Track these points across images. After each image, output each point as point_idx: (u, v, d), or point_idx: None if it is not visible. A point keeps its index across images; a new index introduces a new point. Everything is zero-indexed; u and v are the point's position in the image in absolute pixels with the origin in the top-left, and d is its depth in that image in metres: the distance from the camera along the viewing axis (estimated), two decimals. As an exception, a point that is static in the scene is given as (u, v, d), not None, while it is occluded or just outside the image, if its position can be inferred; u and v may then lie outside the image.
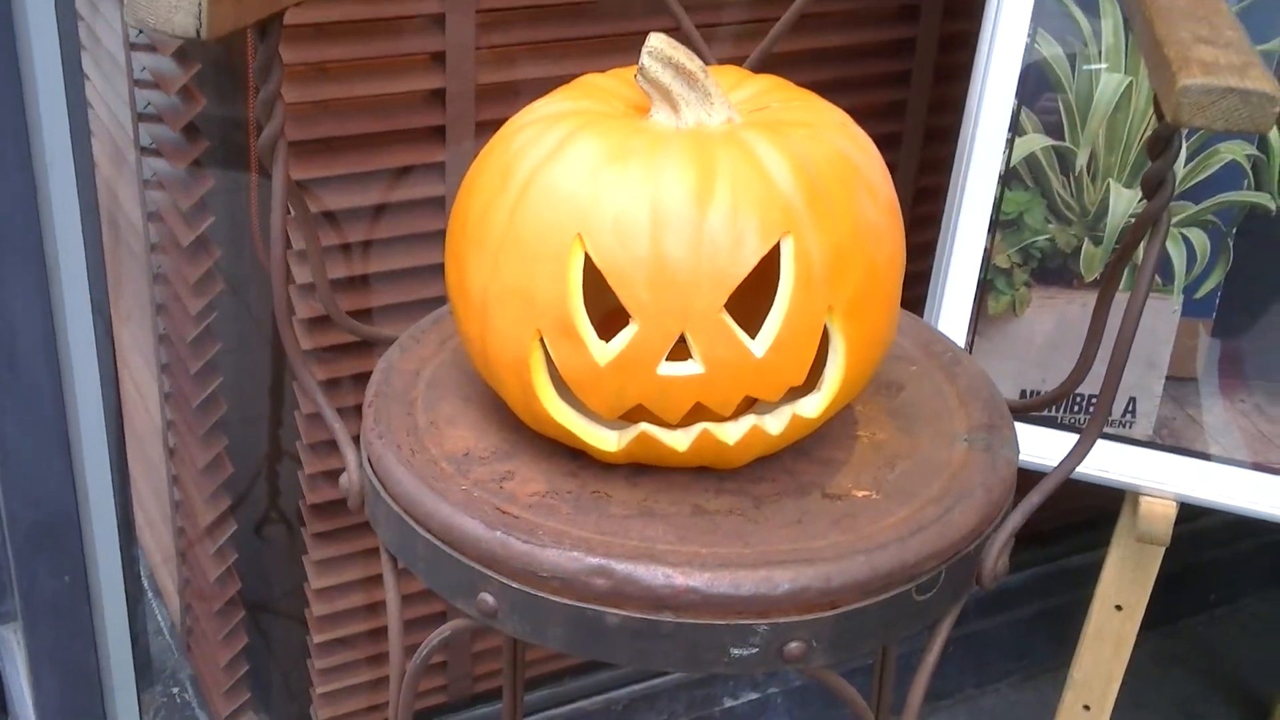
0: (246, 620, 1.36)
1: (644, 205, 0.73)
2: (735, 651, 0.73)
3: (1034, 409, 1.04)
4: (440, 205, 1.18)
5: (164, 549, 1.51)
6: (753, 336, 0.74)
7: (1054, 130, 1.09)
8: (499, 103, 1.17)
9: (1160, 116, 0.71)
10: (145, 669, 1.33)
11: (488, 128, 1.16)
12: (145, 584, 1.52)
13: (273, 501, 1.33)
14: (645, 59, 0.77)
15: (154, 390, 1.38)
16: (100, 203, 1.14)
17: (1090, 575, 1.21)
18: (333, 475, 1.24)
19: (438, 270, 1.20)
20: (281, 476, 1.32)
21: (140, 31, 1.18)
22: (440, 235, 1.19)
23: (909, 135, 1.35)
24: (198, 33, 0.71)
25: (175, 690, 1.45)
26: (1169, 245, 1.09)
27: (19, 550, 1.19)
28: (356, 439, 0.87)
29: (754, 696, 1.54)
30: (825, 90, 0.86)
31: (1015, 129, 1.09)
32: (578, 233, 0.73)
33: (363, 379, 1.22)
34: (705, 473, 0.81)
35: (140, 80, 1.20)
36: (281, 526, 1.34)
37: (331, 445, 1.23)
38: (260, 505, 1.34)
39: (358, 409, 1.21)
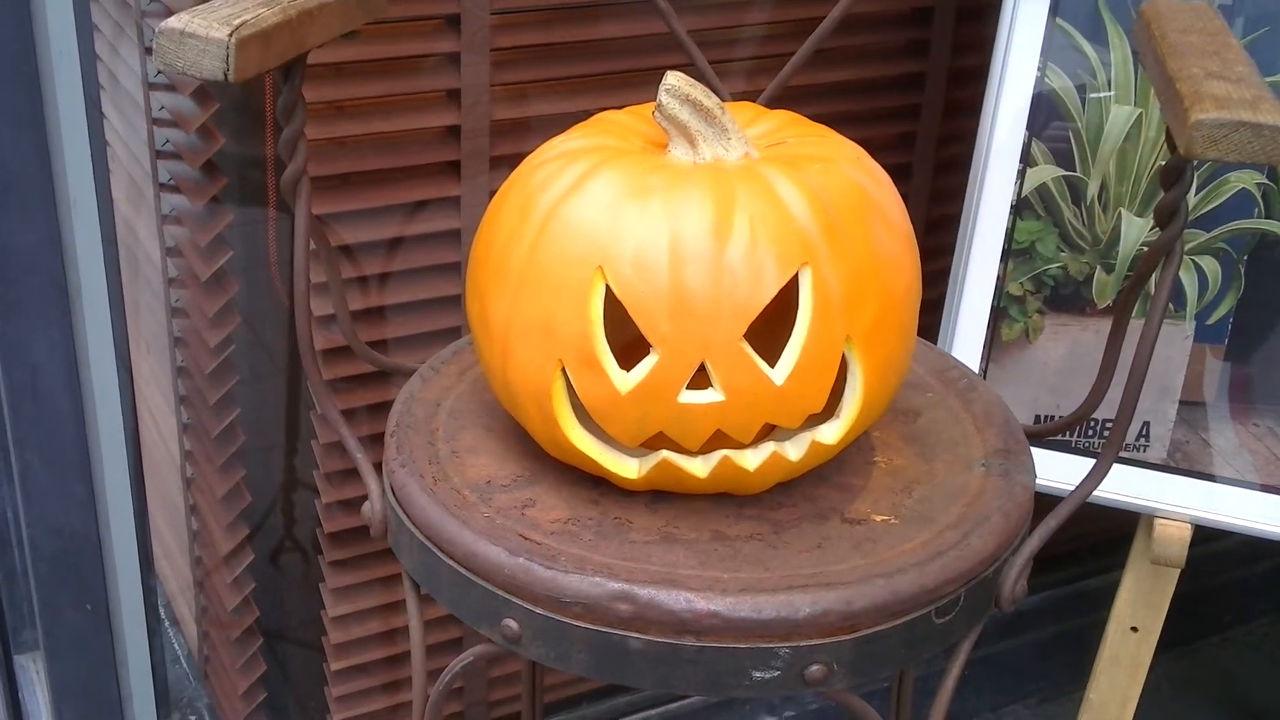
0: (264, 648, 1.37)
1: (664, 238, 0.74)
2: (757, 675, 0.74)
3: (1049, 434, 1.04)
4: (455, 239, 1.20)
5: (181, 578, 1.52)
6: (772, 365, 0.75)
7: (1065, 161, 1.10)
8: (513, 138, 1.18)
9: (1173, 149, 0.72)
10: (163, 698, 1.34)
11: (502, 163, 1.18)
12: (162, 613, 1.52)
13: (290, 530, 1.35)
14: (663, 96, 0.78)
15: (171, 422, 1.39)
16: (119, 238, 1.16)
17: (1105, 598, 1.22)
18: (349, 504, 1.25)
19: (453, 302, 1.22)
20: (298, 505, 1.33)
21: (159, 71, 1.20)
22: (455, 268, 1.21)
23: (919, 166, 1.37)
24: (225, 76, 0.72)
25: (192, 719, 1.46)
26: (1181, 273, 1.10)
27: (41, 580, 1.20)
28: (377, 468, 0.88)
29: (770, 721, 1.55)
30: (837, 123, 0.87)
31: (1026, 160, 1.10)
32: (599, 265, 0.75)
33: (376, 409, 1.23)
34: (725, 499, 0.82)
35: (159, 119, 1.22)
36: (299, 555, 1.35)
37: (348, 474, 1.24)
38: (278, 534, 1.35)
39: (374, 439, 1.23)
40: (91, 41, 1.06)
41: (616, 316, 0.75)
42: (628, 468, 0.80)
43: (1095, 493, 0.84)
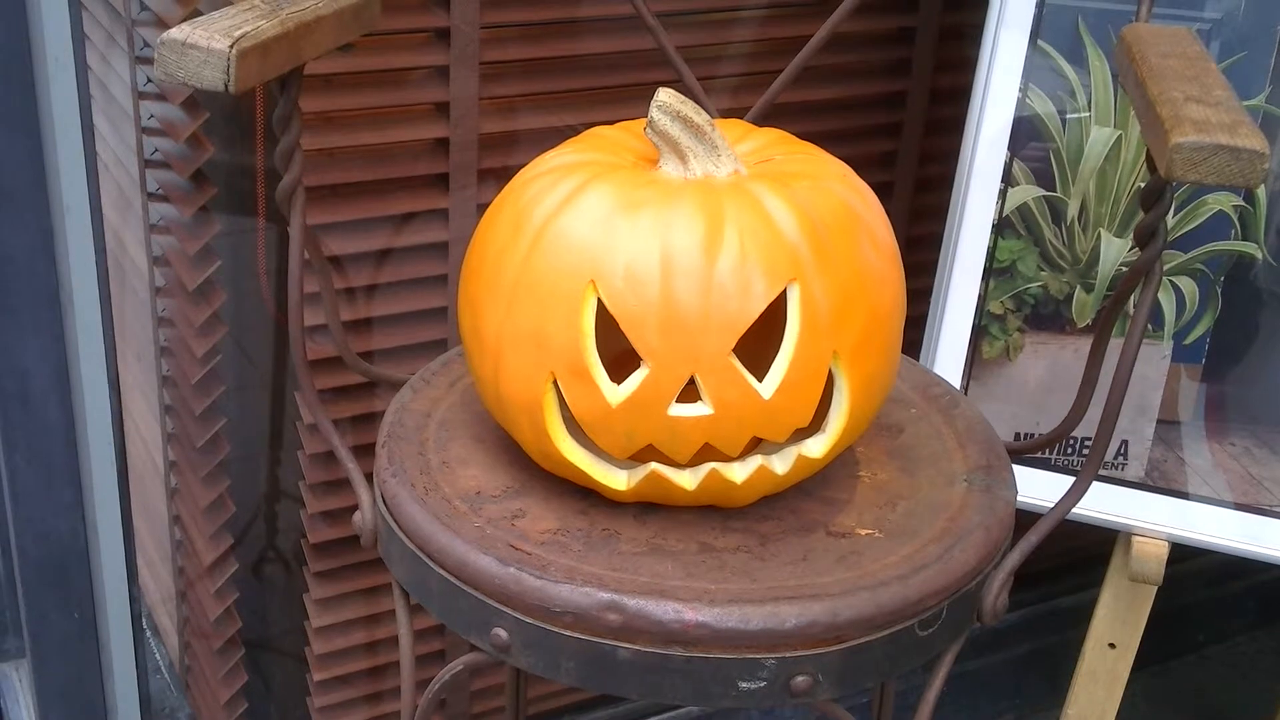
0: (246, 659, 1.37)
1: (655, 253, 0.75)
2: (743, 685, 0.75)
3: (1030, 451, 1.06)
4: (443, 251, 1.21)
5: (163, 588, 1.52)
6: (760, 379, 0.76)
7: (1046, 181, 1.12)
8: (501, 151, 1.20)
9: (1154, 170, 0.74)
10: (144, 708, 1.33)
11: (490, 176, 1.19)
12: (144, 623, 1.52)
13: (274, 541, 1.35)
14: (655, 113, 0.80)
15: (155, 431, 1.39)
16: (106, 247, 1.16)
17: (1083, 615, 1.23)
18: (334, 515, 1.26)
19: (439, 314, 1.23)
20: (283, 516, 1.33)
21: (149, 80, 1.20)
22: (442, 280, 1.22)
23: (900, 185, 1.38)
24: (226, 86, 0.73)
25: (174, 730, 1.46)
26: (1159, 293, 1.12)
27: (29, 587, 1.20)
28: (368, 478, 0.89)
29: (750, 735, 1.56)
30: (819, 141, 0.89)
31: (1008, 179, 1.12)
32: (591, 279, 0.76)
33: (360, 420, 1.24)
34: (712, 511, 0.83)
35: (148, 128, 1.22)
36: (282, 566, 1.35)
37: (333, 485, 1.25)
38: (261, 545, 1.35)
39: (358, 450, 1.23)
40: (84, 50, 1.06)
41: (608, 330, 0.76)
42: (617, 479, 0.81)
43: (1074, 510, 0.85)
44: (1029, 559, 0.84)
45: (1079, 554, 1.54)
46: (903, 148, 1.37)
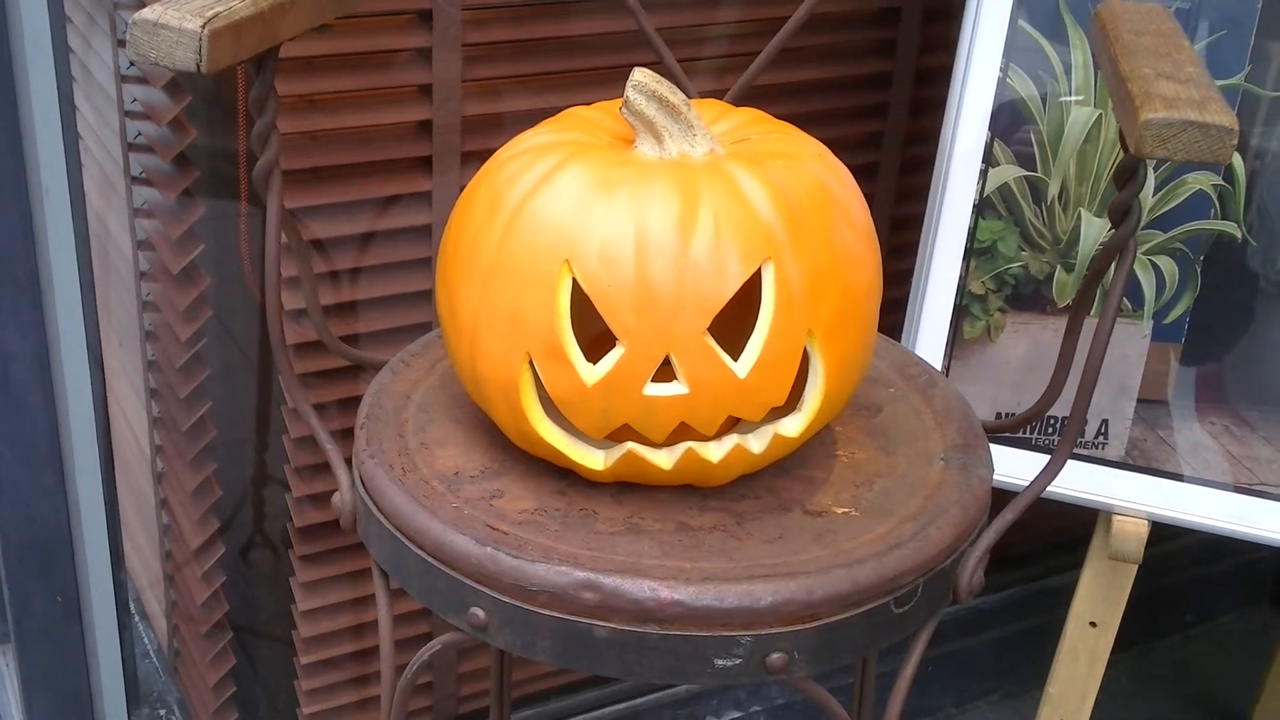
0: (234, 642, 1.37)
1: (630, 233, 0.75)
2: (719, 662, 0.75)
3: (1007, 430, 1.06)
4: (426, 234, 1.21)
5: (150, 572, 1.52)
6: (735, 359, 0.77)
7: (1026, 162, 1.12)
8: (484, 134, 1.19)
9: (1126, 148, 0.74)
10: (132, 691, 1.34)
11: (473, 158, 1.19)
12: (132, 607, 1.53)
13: (260, 525, 1.35)
14: (630, 92, 0.80)
15: (141, 416, 1.39)
16: (89, 231, 1.16)
17: (1067, 596, 1.23)
18: (320, 498, 1.26)
19: (423, 297, 1.23)
20: (268, 500, 1.34)
21: (131, 64, 1.20)
22: (426, 263, 1.22)
23: (886, 166, 1.38)
24: (198, 67, 0.73)
25: (163, 713, 1.46)
26: (1139, 272, 1.12)
27: (12, 572, 1.20)
28: (348, 460, 0.89)
29: (736, 715, 1.56)
30: (805, 123, 0.89)
31: (989, 160, 1.12)
32: (565, 259, 0.76)
33: (347, 404, 1.24)
34: (689, 490, 0.83)
35: (131, 111, 1.22)
36: (269, 549, 1.35)
37: (318, 469, 1.25)
38: (248, 528, 1.35)
39: (344, 433, 1.23)
40: (64, 33, 1.06)
41: (584, 310, 0.77)
42: (594, 459, 0.81)
43: (1054, 489, 0.86)
44: (1014, 539, 0.84)
45: (1065, 534, 1.54)
46: (889, 129, 1.37)
